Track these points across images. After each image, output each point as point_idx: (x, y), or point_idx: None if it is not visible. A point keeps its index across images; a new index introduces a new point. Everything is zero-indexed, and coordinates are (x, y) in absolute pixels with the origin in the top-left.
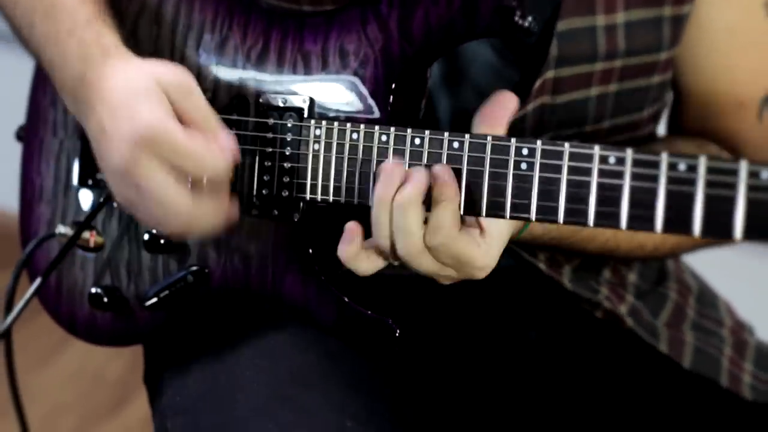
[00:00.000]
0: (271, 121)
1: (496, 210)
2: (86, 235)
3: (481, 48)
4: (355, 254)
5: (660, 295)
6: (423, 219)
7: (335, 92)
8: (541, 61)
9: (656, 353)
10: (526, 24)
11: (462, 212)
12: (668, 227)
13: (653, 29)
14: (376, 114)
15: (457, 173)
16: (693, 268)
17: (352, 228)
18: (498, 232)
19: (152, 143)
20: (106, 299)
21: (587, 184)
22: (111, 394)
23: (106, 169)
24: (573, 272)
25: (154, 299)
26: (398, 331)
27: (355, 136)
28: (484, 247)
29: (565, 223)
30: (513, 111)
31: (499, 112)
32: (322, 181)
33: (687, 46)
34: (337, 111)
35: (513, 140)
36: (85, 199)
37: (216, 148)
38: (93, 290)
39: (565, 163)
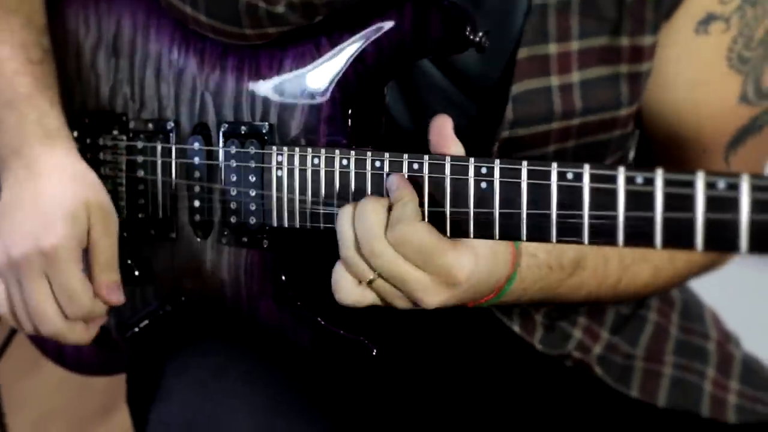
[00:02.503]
0: (233, 149)
1: (459, 229)
2: None
3: (444, 82)
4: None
5: (639, 320)
6: (382, 217)
7: (294, 118)
8: (496, 123)
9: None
10: (477, 38)
11: None
12: (630, 241)
13: (611, 87)
14: (336, 137)
15: (419, 194)
16: None
17: None
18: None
19: (50, 263)
20: None
21: (547, 201)
22: (98, 401)
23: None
24: (545, 318)
25: (135, 329)
26: (375, 350)
27: (316, 161)
28: (461, 247)
29: (528, 240)
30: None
31: (442, 132)
32: (288, 207)
33: (651, 97)
34: (298, 136)
35: (472, 159)
36: None
37: (99, 297)
38: None
39: (524, 181)
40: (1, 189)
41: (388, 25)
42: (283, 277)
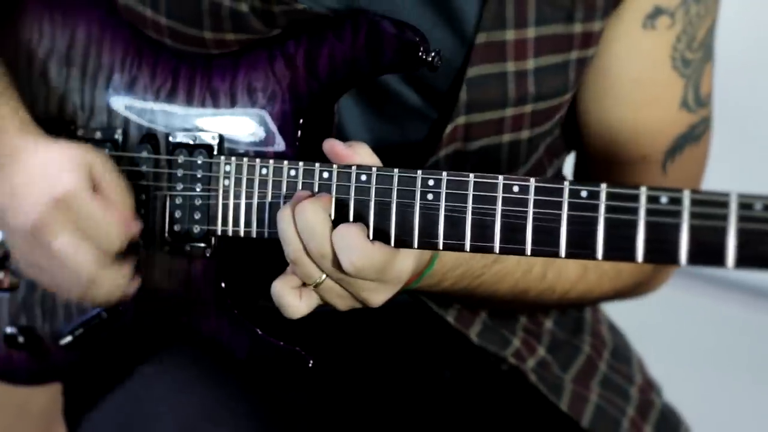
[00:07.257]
0: (181, 158)
1: (404, 240)
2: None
3: (405, 89)
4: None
5: (573, 348)
6: (323, 217)
7: (244, 128)
8: (451, 107)
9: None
10: (430, 58)
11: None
12: (572, 252)
13: (561, 73)
14: (285, 149)
15: (366, 205)
16: (612, 321)
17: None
18: None
19: (69, 207)
20: (21, 339)
21: (492, 213)
22: (35, 427)
23: (12, 229)
24: (488, 318)
25: (69, 338)
26: (311, 361)
27: (264, 171)
28: (402, 250)
29: (471, 250)
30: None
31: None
32: (233, 216)
33: (594, 99)
34: (247, 147)
35: (419, 172)
36: None
37: (125, 223)
38: (8, 330)
39: (471, 193)
40: None
41: (343, 43)
42: (223, 285)
